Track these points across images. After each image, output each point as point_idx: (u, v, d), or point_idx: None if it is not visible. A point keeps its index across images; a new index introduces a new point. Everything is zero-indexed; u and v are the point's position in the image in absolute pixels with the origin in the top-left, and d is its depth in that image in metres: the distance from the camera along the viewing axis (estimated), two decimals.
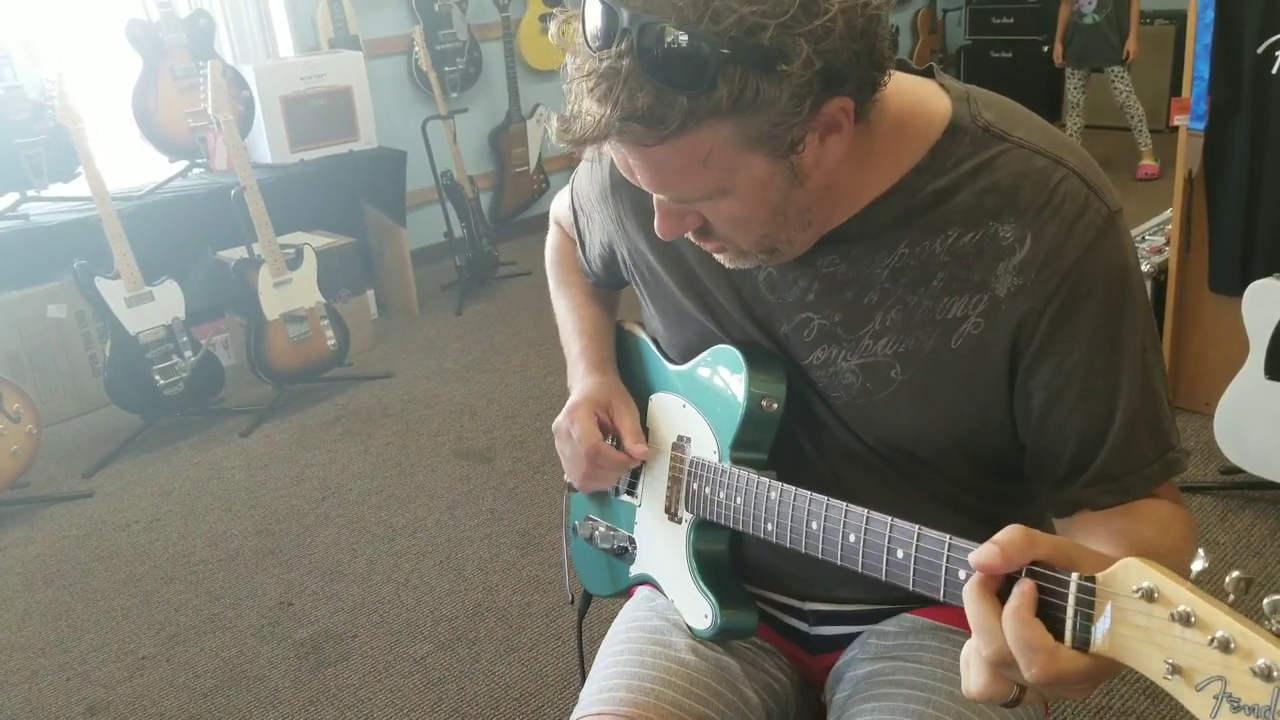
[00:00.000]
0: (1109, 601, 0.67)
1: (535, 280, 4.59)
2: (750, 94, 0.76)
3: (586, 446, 1.13)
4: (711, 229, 0.92)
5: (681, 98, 0.76)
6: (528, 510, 2.84)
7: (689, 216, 0.91)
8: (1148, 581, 0.65)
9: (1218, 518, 2.55)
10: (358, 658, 2.30)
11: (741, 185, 0.85)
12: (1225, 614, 0.62)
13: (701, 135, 0.79)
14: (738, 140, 0.80)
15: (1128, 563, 0.67)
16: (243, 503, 3.00)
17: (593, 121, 0.79)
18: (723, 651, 1.12)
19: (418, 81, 4.71)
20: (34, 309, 3.48)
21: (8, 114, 3.40)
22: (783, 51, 0.75)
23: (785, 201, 0.88)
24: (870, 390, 0.98)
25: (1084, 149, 0.95)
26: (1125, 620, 0.67)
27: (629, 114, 0.77)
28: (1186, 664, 0.63)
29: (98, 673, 2.31)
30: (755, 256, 0.95)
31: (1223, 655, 0.61)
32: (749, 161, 0.82)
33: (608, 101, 0.77)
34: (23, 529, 2.94)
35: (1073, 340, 0.90)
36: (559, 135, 0.82)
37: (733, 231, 0.91)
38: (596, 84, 0.78)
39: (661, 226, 0.92)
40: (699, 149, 0.80)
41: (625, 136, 0.79)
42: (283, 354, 3.50)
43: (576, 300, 1.30)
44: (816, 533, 0.92)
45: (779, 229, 0.91)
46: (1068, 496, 0.95)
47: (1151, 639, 0.65)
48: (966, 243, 0.92)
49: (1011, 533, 0.72)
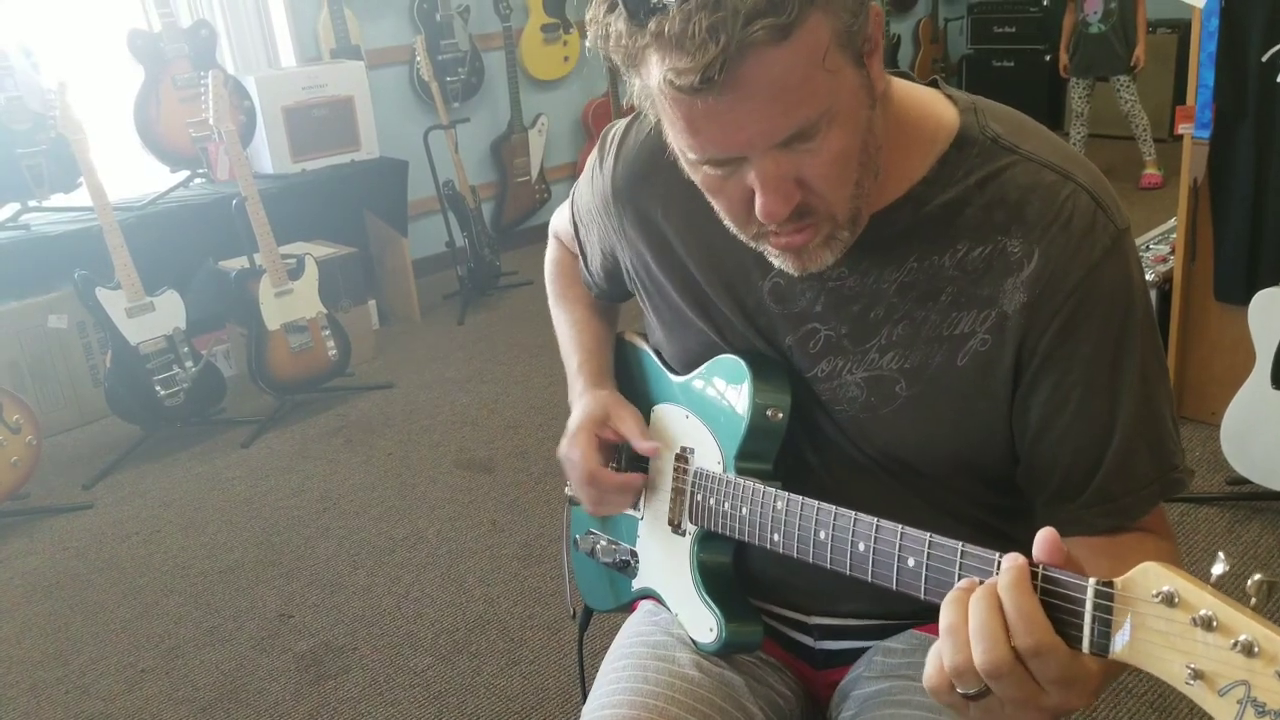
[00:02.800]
0: (1129, 609, 0.66)
1: (537, 290, 4.58)
2: None
3: (582, 473, 1.11)
4: (812, 199, 0.86)
5: None
6: (529, 521, 2.82)
7: (791, 186, 0.85)
8: (1168, 586, 0.64)
9: (1225, 529, 2.53)
10: (358, 670, 2.28)
11: (845, 99, 0.82)
12: (1248, 618, 0.61)
13: (814, 26, 0.77)
14: (836, 34, 0.79)
15: (1146, 567, 0.66)
16: (243, 514, 2.98)
17: (719, 43, 0.75)
18: (727, 666, 1.10)
19: (419, 91, 4.71)
20: (35, 319, 3.47)
21: (9, 124, 3.40)
22: None
23: (870, 127, 0.85)
24: (875, 405, 0.97)
25: (1092, 164, 0.94)
26: (1145, 625, 0.66)
27: (752, 12, 0.74)
28: (1209, 669, 0.62)
29: (97, 686, 2.30)
30: (841, 236, 0.89)
31: (1246, 659, 0.60)
32: (845, 66, 0.81)
33: (722, 18, 0.74)
34: (22, 540, 2.93)
35: (1073, 358, 0.90)
36: (680, 74, 0.77)
37: (832, 186, 0.86)
38: (698, 10, 0.74)
39: (767, 204, 0.85)
40: (817, 44, 0.78)
41: (757, 37, 0.75)
42: (284, 364, 3.49)
43: (576, 314, 1.29)
44: (825, 542, 0.91)
45: (865, 172, 0.87)
46: (1065, 515, 0.94)
47: (1172, 644, 0.64)
48: (975, 257, 0.91)
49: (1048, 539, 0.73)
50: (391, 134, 4.53)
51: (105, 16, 4.05)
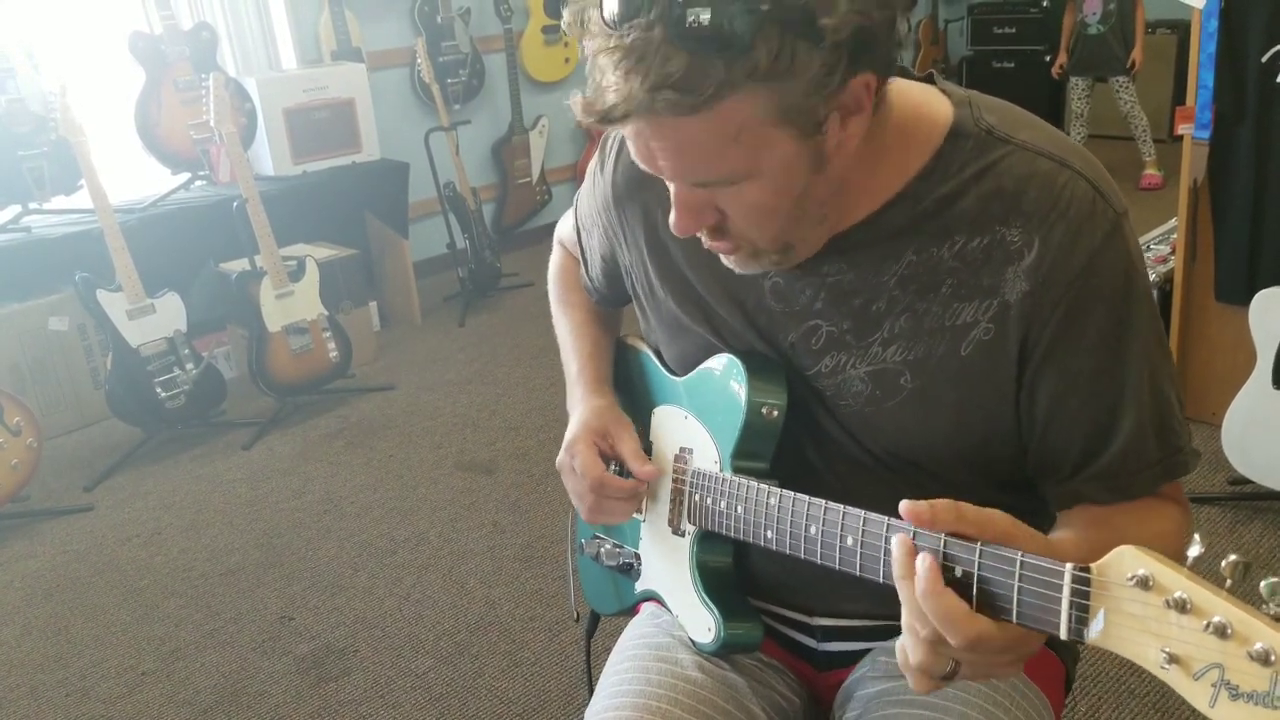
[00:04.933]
0: (1104, 594, 0.66)
1: (538, 291, 4.58)
2: (787, 57, 0.74)
3: (591, 479, 1.10)
4: (728, 226, 0.89)
5: (717, 62, 0.74)
6: (531, 523, 2.82)
7: (707, 212, 0.88)
8: (1142, 569, 0.64)
9: (1226, 529, 2.53)
10: (359, 673, 2.28)
11: (768, 167, 0.82)
12: (1222, 599, 0.60)
13: (736, 104, 0.76)
14: (770, 112, 0.78)
15: (1122, 550, 0.65)
16: (244, 516, 2.98)
17: (621, 96, 0.76)
18: (729, 668, 1.10)
19: (420, 93, 4.71)
20: (35, 321, 3.47)
21: (10, 126, 3.40)
22: (821, 6, 0.74)
23: (807, 189, 0.86)
24: (880, 398, 0.97)
25: (1089, 152, 0.94)
26: (1119, 609, 0.65)
27: (661, 82, 0.74)
28: (1183, 652, 0.61)
29: (97, 689, 2.30)
30: (769, 257, 0.92)
31: (1219, 641, 0.59)
32: (778, 140, 0.80)
33: (636, 74, 0.75)
34: (23, 543, 2.92)
35: (1079, 344, 0.90)
36: (583, 112, 0.79)
37: (751, 225, 0.89)
38: (624, 58, 0.75)
39: (678, 221, 0.88)
40: (731, 121, 0.78)
41: (657, 107, 0.76)
42: (285, 366, 3.49)
43: (576, 320, 1.29)
44: (815, 537, 0.91)
45: (797, 223, 0.89)
46: (1068, 489, 0.95)
47: (1147, 628, 0.63)
48: (974, 248, 0.91)
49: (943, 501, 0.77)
50: (392, 136, 4.53)
51: (106, 18, 4.05)
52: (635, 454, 1.12)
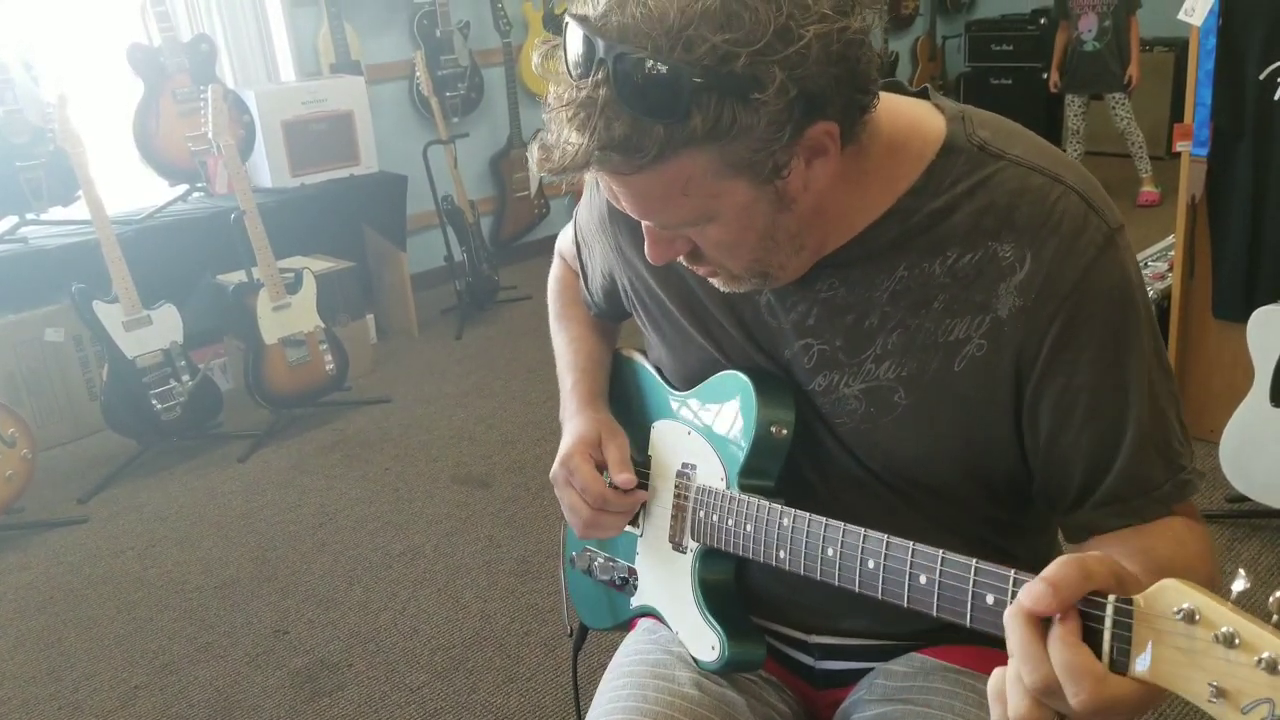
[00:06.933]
0: (1150, 627, 0.66)
1: (536, 305, 4.58)
2: (726, 122, 0.76)
3: (594, 496, 1.10)
4: (702, 253, 0.92)
5: (657, 126, 0.77)
6: (527, 537, 2.81)
7: (678, 242, 0.91)
8: (1188, 603, 0.64)
9: (1224, 546, 2.53)
10: (353, 687, 2.27)
11: (725, 211, 0.85)
12: (1271, 634, 0.61)
13: (679, 163, 0.79)
14: (717, 167, 0.80)
15: (1166, 584, 0.65)
16: (239, 529, 2.97)
17: (572, 150, 0.79)
18: (727, 685, 1.09)
19: (419, 106, 4.72)
20: (31, 332, 3.46)
21: (8, 137, 3.40)
22: (756, 79, 0.75)
23: (773, 226, 0.87)
24: (874, 415, 0.97)
25: (1083, 167, 0.94)
26: (1166, 643, 0.65)
27: (606, 143, 0.77)
28: (1232, 686, 0.62)
29: (89, 702, 2.28)
30: (749, 280, 0.94)
31: (1270, 677, 0.60)
32: (731, 188, 0.82)
33: (586, 130, 0.78)
34: (16, 555, 2.91)
35: (1077, 362, 0.89)
36: (540, 164, 0.82)
37: (722, 256, 0.91)
38: (575, 113, 0.78)
39: (651, 252, 0.92)
40: (677, 177, 0.81)
41: (603, 165, 0.80)
42: (281, 378, 3.48)
43: (574, 333, 1.29)
44: (833, 559, 0.90)
45: (769, 254, 0.90)
46: (1078, 520, 0.94)
47: (1194, 662, 0.64)
48: (966, 263, 0.90)
49: (1064, 568, 0.68)
50: (391, 149, 4.54)
51: (105, 30, 4.06)
52: (620, 463, 1.11)
